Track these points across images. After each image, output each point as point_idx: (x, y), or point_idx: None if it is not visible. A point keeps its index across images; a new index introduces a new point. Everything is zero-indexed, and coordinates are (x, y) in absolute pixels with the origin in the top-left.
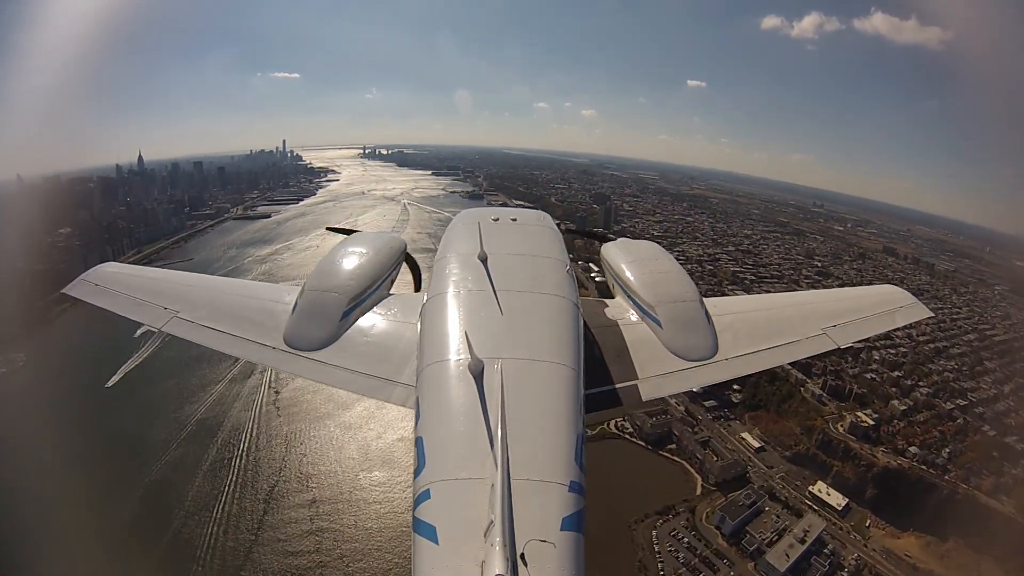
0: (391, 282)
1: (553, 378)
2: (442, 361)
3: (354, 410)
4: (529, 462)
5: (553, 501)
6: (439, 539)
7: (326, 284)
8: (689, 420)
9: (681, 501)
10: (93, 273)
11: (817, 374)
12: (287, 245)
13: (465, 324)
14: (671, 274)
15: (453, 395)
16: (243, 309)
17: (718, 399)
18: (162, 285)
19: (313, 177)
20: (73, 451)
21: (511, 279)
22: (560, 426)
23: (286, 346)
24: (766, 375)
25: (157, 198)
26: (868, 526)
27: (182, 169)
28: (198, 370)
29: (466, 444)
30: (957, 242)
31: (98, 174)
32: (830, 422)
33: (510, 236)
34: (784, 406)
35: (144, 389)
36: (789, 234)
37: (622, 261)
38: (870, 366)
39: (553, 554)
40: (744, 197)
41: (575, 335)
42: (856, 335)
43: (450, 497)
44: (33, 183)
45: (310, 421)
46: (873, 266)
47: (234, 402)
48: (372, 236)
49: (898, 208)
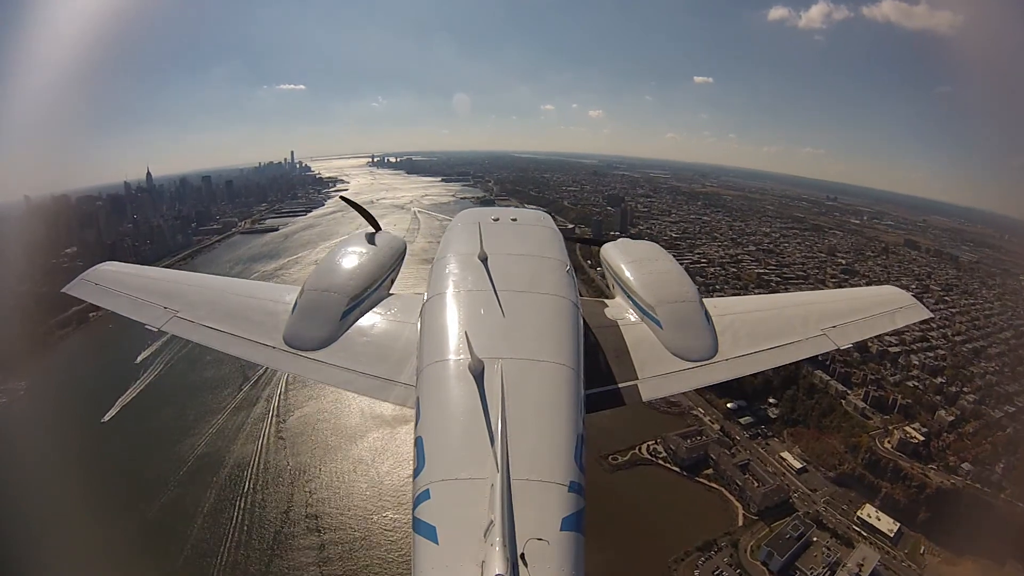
0: (391, 282)
1: (553, 378)
2: (442, 361)
3: (363, 442)
4: (529, 462)
5: (553, 501)
6: (439, 539)
7: (326, 284)
8: (725, 441)
9: (723, 534)
10: (93, 273)
11: (857, 384)
12: (295, 259)
13: (465, 324)
14: (671, 274)
15: (453, 395)
16: (243, 309)
17: (754, 415)
18: (162, 285)
19: (322, 187)
20: (68, 491)
21: (511, 279)
22: (560, 426)
23: (286, 346)
24: (803, 387)
25: (163, 215)
26: (923, 552)
27: (190, 184)
28: (198, 399)
29: (466, 444)
30: (974, 231)
31: (107, 191)
32: (876, 438)
33: (510, 236)
34: (825, 421)
35: (142, 421)
36: (808, 230)
37: (622, 261)
38: (910, 372)
39: (553, 554)
40: (757, 193)
41: (575, 335)
42: (856, 336)
43: (450, 497)
44: (41, 203)
45: (317, 454)
46: (898, 261)
47: (237, 434)
48: (371, 236)
49: (912, 198)
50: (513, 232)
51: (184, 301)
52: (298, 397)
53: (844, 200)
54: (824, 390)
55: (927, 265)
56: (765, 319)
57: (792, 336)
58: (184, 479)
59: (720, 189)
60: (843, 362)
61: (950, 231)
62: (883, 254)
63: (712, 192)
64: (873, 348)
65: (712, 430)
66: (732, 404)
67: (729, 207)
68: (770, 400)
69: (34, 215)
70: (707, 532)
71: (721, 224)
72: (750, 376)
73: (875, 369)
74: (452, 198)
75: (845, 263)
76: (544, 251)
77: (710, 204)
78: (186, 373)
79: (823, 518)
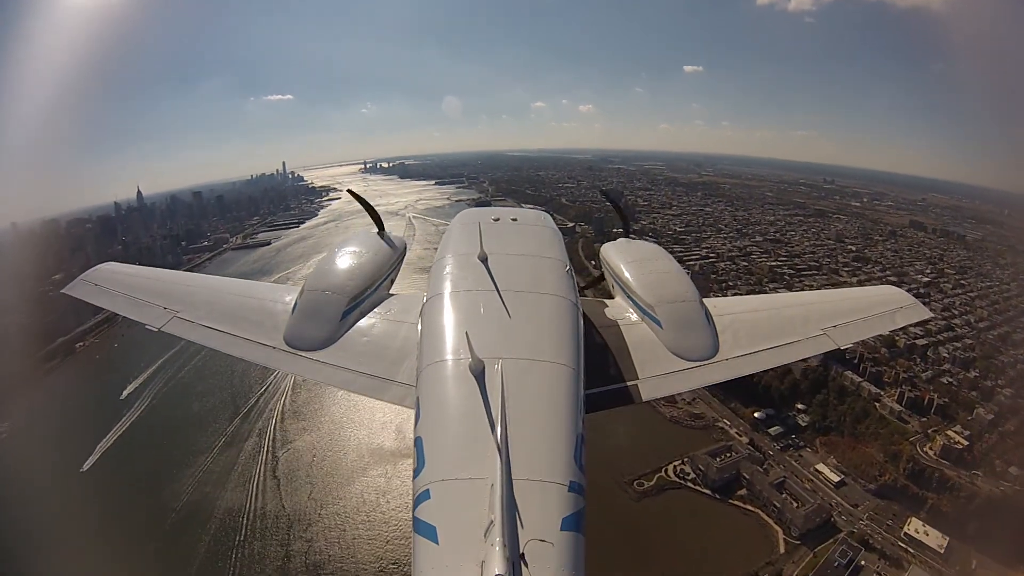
0: (391, 282)
1: (553, 378)
2: (442, 361)
3: (364, 480)
4: (529, 462)
5: (553, 501)
6: (439, 539)
7: (326, 284)
8: (756, 456)
9: (764, 564)
10: (93, 273)
11: (889, 383)
12: (287, 275)
13: (465, 324)
14: (671, 274)
15: (453, 395)
16: (243, 309)
17: (783, 423)
18: (162, 285)
19: (315, 197)
20: (43, 556)
21: (511, 279)
22: (560, 426)
23: (286, 346)
24: (834, 391)
25: (152, 234)
26: (975, 567)
27: (181, 201)
28: (185, 437)
29: (466, 444)
30: (973, 207)
31: (98, 213)
32: (916, 444)
33: (510, 236)
34: (860, 427)
35: (124, 466)
36: (811, 216)
37: (621, 261)
38: (942, 367)
39: (553, 554)
40: (754, 180)
41: (575, 335)
42: (856, 335)
43: (450, 497)
44: (31, 229)
45: (314, 494)
46: (907, 244)
47: (228, 475)
48: (371, 236)
49: (907, 177)
50: (513, 232)
51: (184, 301)
52: (294, 429)
53: (841, 182)
54: (856, 392)
55: (936, 247)
56: (765, 319)
57: (792, 336)
58: (170, 532)
59: (717, 178)
60: (872, 359)
61: (951, 209)
62: (891, 237)
63: (709, 181)
64: (900, 342)
65: (741, 444)
66: (759, 413)
67: (728, 196)
68: (799, 406)
69: (23, 242)
70: (747, 562)
71: (724, 215)
72: (776, 381)
73: (906, 366)
74: (447, 201)
75: (855, 250)
76: (544, 251)
77: (709, 194)
78: (174, 407)
79: (869, 537)
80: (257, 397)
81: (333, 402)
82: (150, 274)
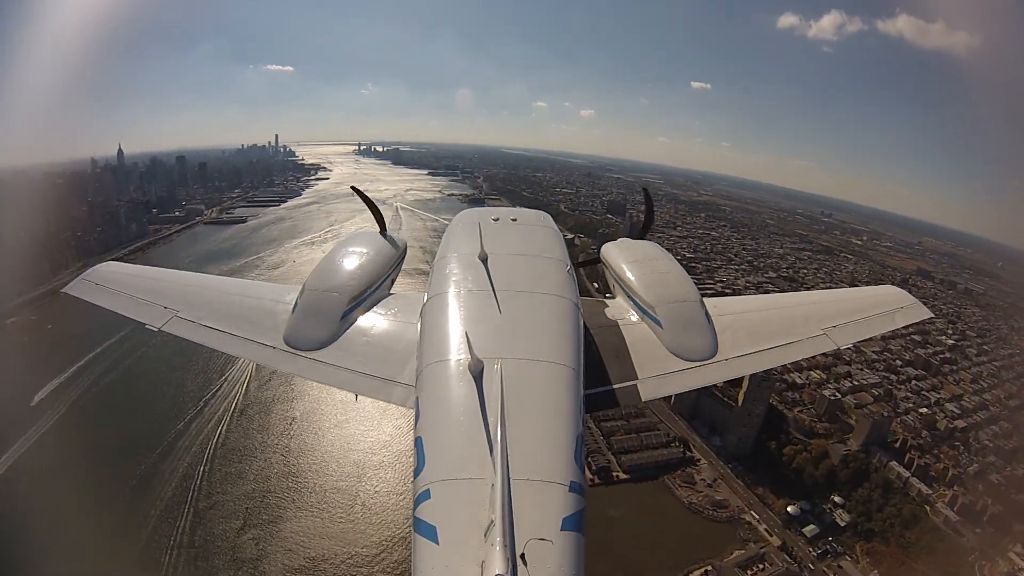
0: (391, 282)
1: (553, 378)
2: (442, 361)
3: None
4: (529, 462)
5: (553, 501)
6: (439, 539)
7: (326, 284)
8: (793, 569)
9: None
10: (93, 273)
11: (936, 477)
12: (257, 259)
13: (465, 324)
14: (671, 274)
15: (453, 395)
16: (243, 309)
17: (819, 520)
18: (162, 285)
19: (302, 175)
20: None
21: (511, 279)
22: (560, 426)
23: (286, 346)
24: (877, 484)
25: (119, 199)
26: None
27: (162, 164)
28: (106, 460)
29: (466, 444)
30: (967, 255)
31: (74, 168)
32: (976, 566)
33: (510, 236)
34: (908, 535)
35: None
36: (820, 253)
37: (622, 261)
38: (987, 458)
39: (553, 554)
40: (753, 204)
41: (575, 335)
42: (856, 336)
43: (450, 497)
44: None
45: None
46: (920, 296)
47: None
48: (372, 236)
49: (902, 217)
50: (513, 232)
51: (184, 301)
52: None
53: (838, 216)
54: (903, 491)
55: (948, 300)
56: (765, 319)
57: (792, 336)
58: None
59: (716, 198)
60: (918, 448)
61: (948, 256)
62: (903, 286)
63: (710, 201)
64: (941, 424)
65: (772, 547)
66: (792, 508)
67: (731, 220)
68: (835, 499)
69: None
70: None
71: (731, 242)
72: (810, 466)
73: (951, 455)
74: (439, 194)
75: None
76: (544, 251)
77: (712, 216)
78: (97, 418)
79: None
80: (195, 418)
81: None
82: (151, 274)
